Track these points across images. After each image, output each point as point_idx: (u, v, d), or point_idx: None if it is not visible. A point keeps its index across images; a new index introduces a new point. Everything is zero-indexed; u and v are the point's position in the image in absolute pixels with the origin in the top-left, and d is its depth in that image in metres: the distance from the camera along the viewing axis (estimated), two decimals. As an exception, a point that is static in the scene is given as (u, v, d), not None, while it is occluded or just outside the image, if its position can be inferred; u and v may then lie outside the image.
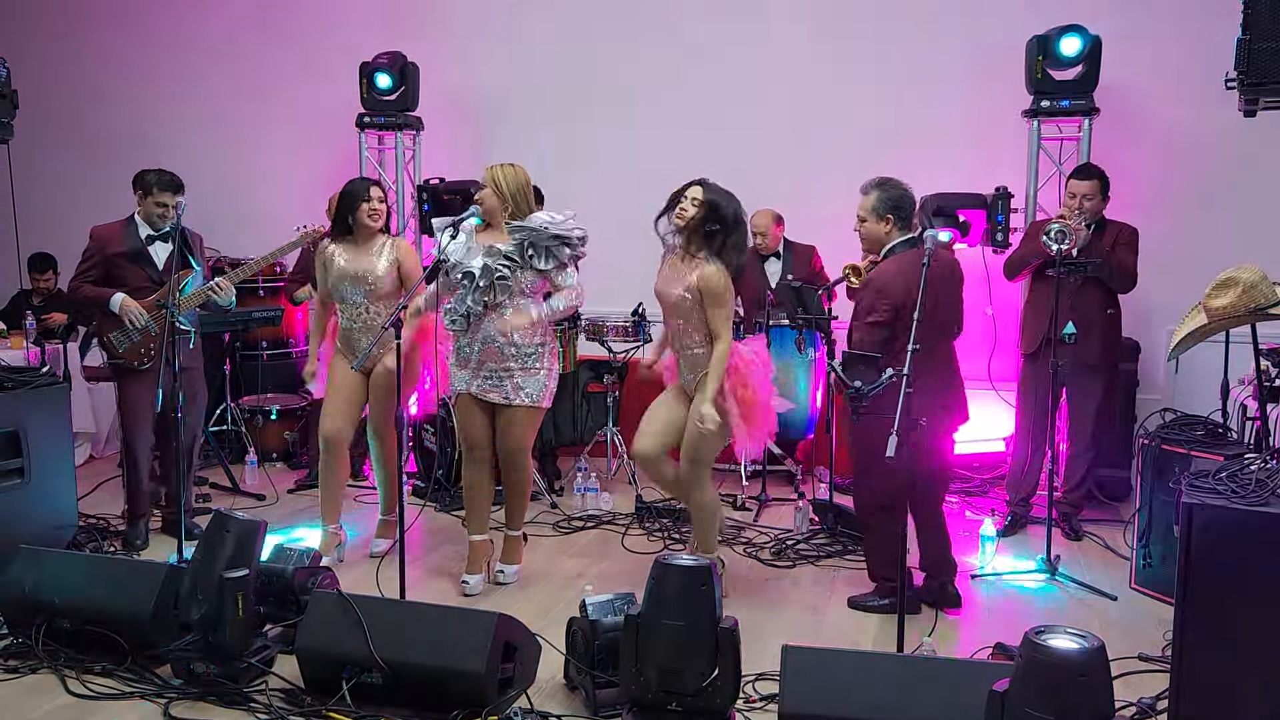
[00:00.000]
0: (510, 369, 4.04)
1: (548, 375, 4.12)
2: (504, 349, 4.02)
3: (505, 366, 4.04)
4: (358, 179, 4.80)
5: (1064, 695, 2.32)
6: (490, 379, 4.06)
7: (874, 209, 3.85)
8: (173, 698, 3.21)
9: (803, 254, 5.90)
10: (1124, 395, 5.46)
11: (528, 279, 4.00)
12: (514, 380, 4.05)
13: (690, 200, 3.88)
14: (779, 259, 5.90)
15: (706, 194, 3.87)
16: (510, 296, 4.00)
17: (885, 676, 2.86)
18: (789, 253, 5.91)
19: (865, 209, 3.88)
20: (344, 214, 4.51)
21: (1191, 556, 2.80)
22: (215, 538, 3.34)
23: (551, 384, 4.16)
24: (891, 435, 3.05)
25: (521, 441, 4.14)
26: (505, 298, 3.99)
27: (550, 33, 6.82)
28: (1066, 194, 4.83)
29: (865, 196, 3.88)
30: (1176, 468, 3.81)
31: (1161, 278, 4.95)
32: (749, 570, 4.49)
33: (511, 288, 3.98)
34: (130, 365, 4.65)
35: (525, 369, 4.05)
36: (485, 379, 4.07)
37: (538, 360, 4.08)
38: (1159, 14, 5.76)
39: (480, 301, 3.98)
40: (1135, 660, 3.48)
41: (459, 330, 4.07)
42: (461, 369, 4.13)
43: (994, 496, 5.50)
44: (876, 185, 3.87)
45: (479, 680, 2.99)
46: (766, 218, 5.84)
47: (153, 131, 7.39)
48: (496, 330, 4.00)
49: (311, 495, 5.60)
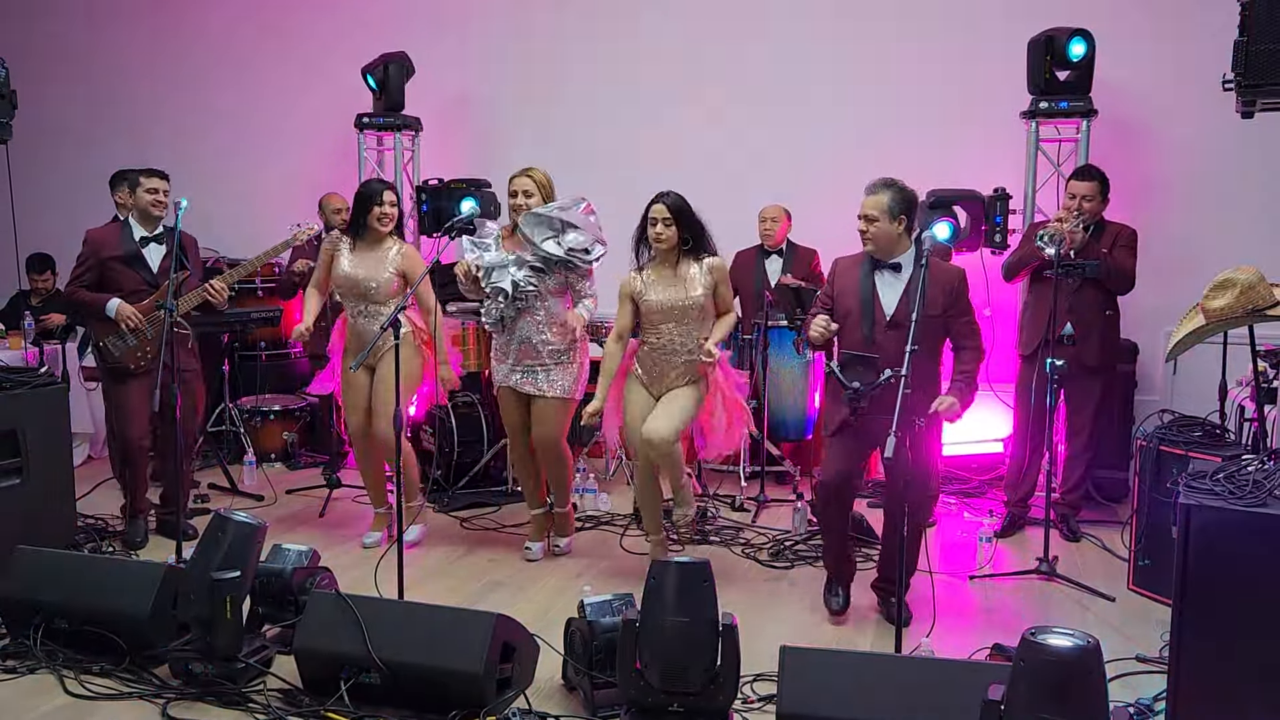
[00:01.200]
0: (545, 364, 4.36)
1: (580, 369, 4.44)
2: (539, 347, 4.35)
3: (540, 362, 4.36)
4: (374, 180, 4.81)
5: (1060, 695, 2.32)
6: (526, 374, 4.39)
7: (889, 209, 3.65)
8: (171, 698, 3.20)
9: (804, 256, 5.91)
10: (1122, 396, 5.46)
11: (554, 282, 4.32)
12: (547, 373, 4.37)
13: (661, 222, 4.14)
14: (780, 257, 5.91)
15: (670, 208, 4.14)
16: (540, 299, 4.31)
17: (883, 677, 2.86)
18: (791, 253, 5.92)
19: (878, 208, 3.66)
20: (357, 215, 4.55)
21: (1189, 557, 2.81)
22: (214, 539, 3.34)
23: (583, 377, 4.47)
24: (890, 435, 3.05)
25: (556, 431, 4.42)
26: (536, 301, 4.32)
27: (549, 34, 6.82)
28: (1066, 194, 4.83)
29: (875, 196, 3.68)
30: (1174, 469, 3.81)
31: (1159, 279, 4.96)
32: (747, 571, 4.49)
33: (540, 292, 4.31)
34: (126, 368, 4.64)
35: (559, 364, 4.37)
36: (522, 374, 4.39)
37: (569, 356, 4.40)
38: (1156, 14, 5.76)
39: (514, 308, 4.32)
40: (1133, 661, 3.49)
41: (496, 332, 4.44)
42: (500, 363, 4.47)
43: (992, 497, 5.51)
44: (886, 185, 3.68)
45: (477, 681, 2.99)
46: (777, 209, 5.87)
47: (151, 131, 7.40)
48: (532, 330, 4.34)
49: (311, 496, 5.62)
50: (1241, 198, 5.69)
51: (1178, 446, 3.96)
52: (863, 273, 3.76)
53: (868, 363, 3.58)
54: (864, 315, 3.71)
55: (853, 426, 3.66)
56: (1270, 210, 5.61)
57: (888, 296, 3.71)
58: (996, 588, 4.30)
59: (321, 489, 5.60)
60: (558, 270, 4.30)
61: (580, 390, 4.45)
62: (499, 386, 4.52)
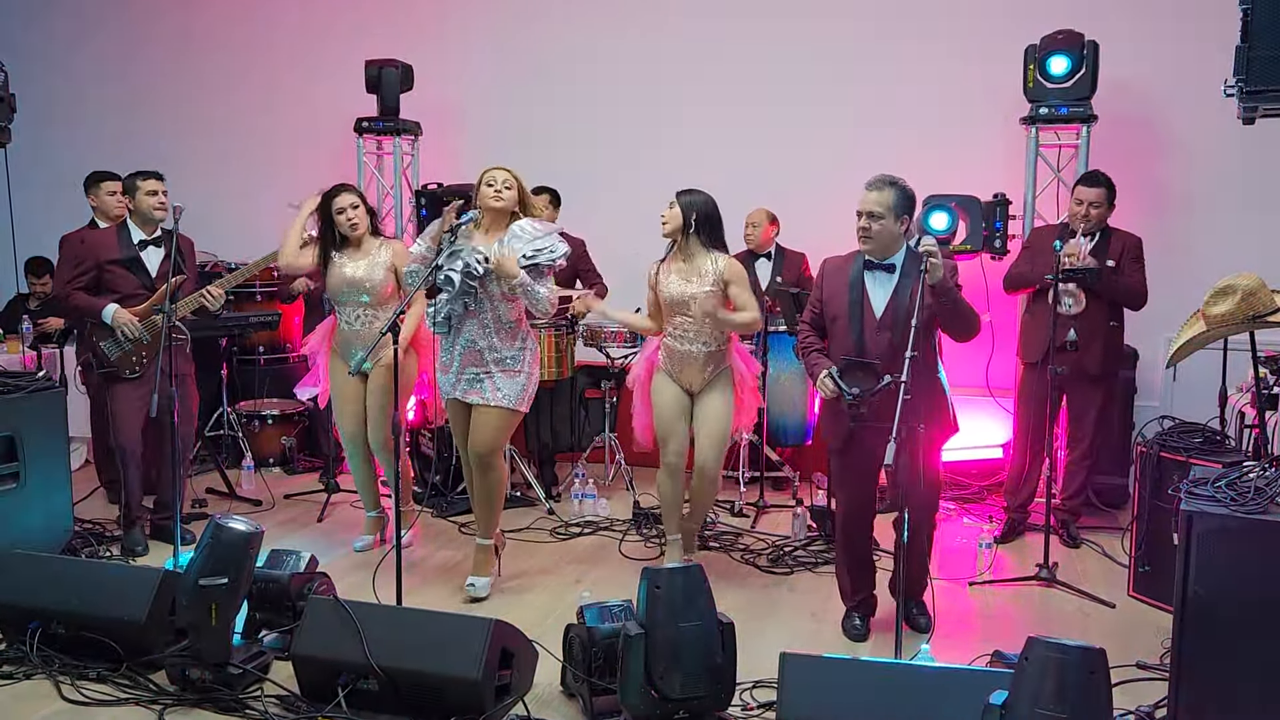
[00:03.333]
0: (490, 371, 4.06)
1: (528, 379, 4.11)
2: (485, 352, 4.05)
3: (485, 369, 4.06)
4: (328, 190, 4.58)
5: (1068, 696, 2.31)
6: (471, 381, 4.09)
7: (893, 207, 3.54)
8: (168, 704, 3.20)
9: (793, 260, 5.90)
10: (1122, 402, 5.45)
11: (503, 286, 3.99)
12: (493, 381, 4.06)
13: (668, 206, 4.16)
14: (769, 260, 5.91)
15: (679, 196, 4.17)
16: (490, 302, 4.02)
17: (884, 685, 2.85)
18: (780, 257, 5.91)
19: (883, 205, 3.54)
20: (327, 227, 4.53)
21: (1191, 565, 2.80)
22: (209, 545, 3.30)
23: (531, 388, 4.14)
24: (890, 442, 3.04)
25: (492, 443, 4.09)
26: (485, 303, 4.02)
27: (549, 39, 6.82)
28: (1073, 201, 4.80)
29: (880, 192, 3.56)
30: (1175, 475, 3.81)
31: (1160, 285, 4.94)
32: (746, 576, 4.48)
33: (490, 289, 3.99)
34: (121, 373, 4.63)
35: (505, 370, 4.07)
36: (466, 382, 4.10)
37: (517, 363, 4.09)
38: (1159, 17, 5.75)
39: (461, 304, 4.01)
40: (1134, 668, 3.47)
41: (442, 333, 4.10)
42: (444, 374, 4.17)
43: (991, 503, 5.50)
44: (890, 182, 3.57)
45: (475, 687, 2.98)
46: (762, 214, 5.86)
47: (150, 135, 7.39)
48: (477, 334, 4.04)
49: (309, 501, 5.60)
50: (1243, 203, 5.69)
51: (1178, 453, 3.95)
52: (853, 273, 3.70)
53: (867, 368, 3.56)
54: (853, 318, 3.66)
55: (857, 441, 3.65)
56: (1272, 216, 5.60)
57: (878, 298, 3.66)
58: (996, 594, 4.29)
59: (320, 494, 5.59)
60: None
61: (526, 404, 4.11)
62: (445, 400, 4.22)
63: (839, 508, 3.93)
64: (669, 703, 2.91)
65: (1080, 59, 5.42)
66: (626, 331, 5.57)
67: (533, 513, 5.37)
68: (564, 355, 5.55)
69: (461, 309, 4.03)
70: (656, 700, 2.91)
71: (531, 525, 5.14)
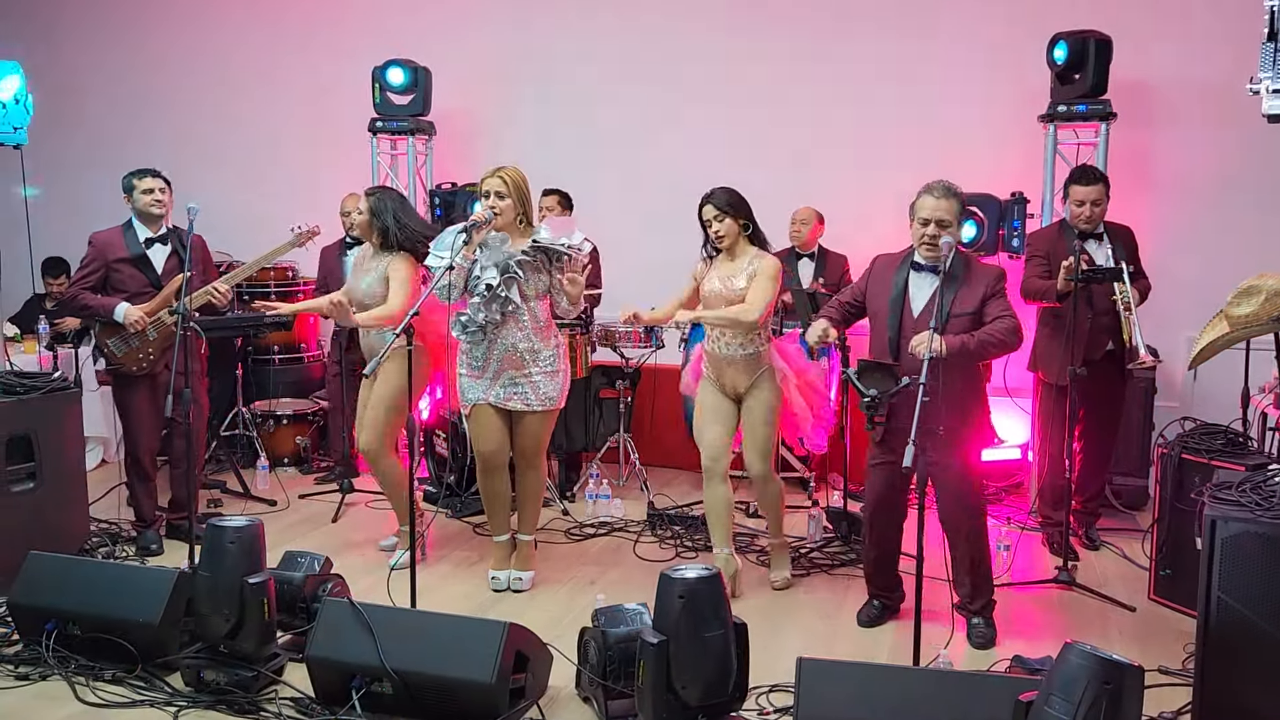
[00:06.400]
0: (529, 373, 4.09)
1: (564, 376, 4.20)
2: (526, 354, 4.07)
3: (524, 373, 4.09)
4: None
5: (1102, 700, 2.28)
6: (511, 386, 4.10)
7: (958, 214, 3.59)
8: (183, 706, 3.20)
9: (835, 261, 5.86)
10: (1141, 402, 5.39)
11: (540, 282, 4.06)
12: (532, 383, 4.10)
13: (714, 220, 4.06)
14: (812, 260, 5.87)
15: (718, 205, 4.06)
16: (524, 301, 4.04)
17: (901, 689, 2.83)
18: (822, 258, 5.87)
19: (952, 214, 3.57)
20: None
21: (1215, 570, 2.77)
22: (219, 546, 3.28)
23: (566, 384, 4.23)
24: (909, 445, 3.01)
25: (540, 443, 4.21)
26: (520, 302, 4.02)
27: (562, 39, 6.80)
28: (1073, 201, 4.67)
29: (947, 200, 3.56)
30: (1196, 477, 3.76)
31: (1181, 284, 4.90)
32: (762, 579, 4.45)
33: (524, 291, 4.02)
34: (128, 371, 4.63)
35: (544, 371, 4.11)
36: (505, 386, 4.11)
37: (555, 361, 4.15)
38: (1180, 14, 5.69)
39: (498, 311, 4.02)
40: (1156, 673, 3.43)
41: (474, 341, 4.09)
42: (476, 379, 4.14)
43: (1009, 505, 5.45)
44: (952, 191, 3.58)
45: (489, 691, 2.96)
46: (810, 212, 5.83)
47: (165, 135, 7.42)
48: (518, 337, 4.04)
49: (324, 501, 5.60)
50: (1268, 203, 5.61)
51: (1200, 455, 3.91)
52: (899, 272, 3.73)
53: (886, 370, 3.54)
54: (891, 315, 3.68)
55: (886, 440, 3.65)
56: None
57: (918, 298, 3.68)
58: (1015, 597, 4.25)
59: (334, 494, 5.59)
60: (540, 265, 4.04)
61: (564, 399, 4.20)
62: (472, 405, 4.16)
63: (867, 494, 3.92)
64: (688, 709, 2.88)
65: (1098, 56, 5.36)
66: (641, 331, 5.55)
67: (547, 514, 5.34)
68: (579, 355, 5.53)
69: (499, 316, 4.02)
70: (676, 707, 2.88)
71: (545, 526, 5.12)
